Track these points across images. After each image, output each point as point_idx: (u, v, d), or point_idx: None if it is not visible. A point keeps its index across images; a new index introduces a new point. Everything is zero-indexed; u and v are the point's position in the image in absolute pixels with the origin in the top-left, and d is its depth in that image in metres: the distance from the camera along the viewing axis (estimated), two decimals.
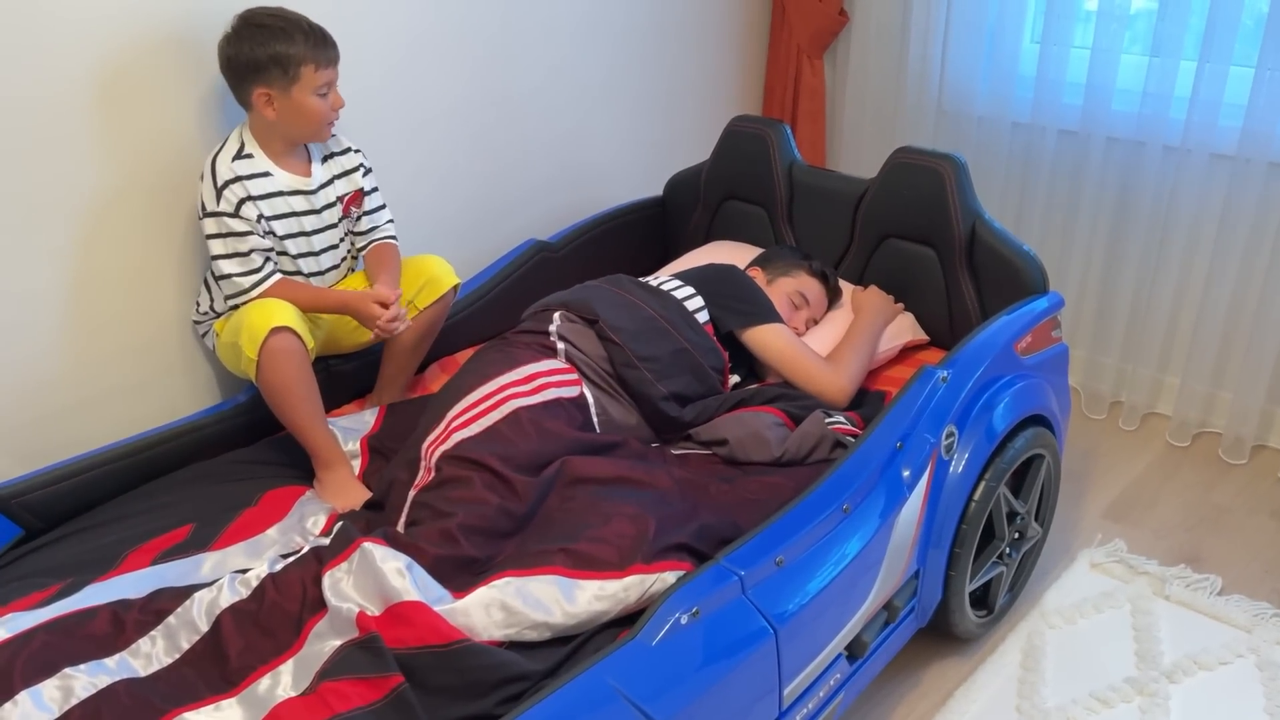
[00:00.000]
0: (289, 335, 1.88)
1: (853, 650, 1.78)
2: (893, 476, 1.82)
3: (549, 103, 2.75)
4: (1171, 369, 2.93)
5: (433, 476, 1.78)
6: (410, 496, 1.78)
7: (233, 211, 1.92)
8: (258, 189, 1.95)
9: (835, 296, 2.45)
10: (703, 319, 2.18)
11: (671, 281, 2.24)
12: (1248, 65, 2.58)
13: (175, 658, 1.53)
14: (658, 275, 2.37)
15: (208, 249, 1.95)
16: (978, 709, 1.98)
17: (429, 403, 1.99)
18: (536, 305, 2.19)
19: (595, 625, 1.57)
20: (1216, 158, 2.66)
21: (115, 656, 1.51)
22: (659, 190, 2.97)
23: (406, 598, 1.50)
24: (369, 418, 2.14)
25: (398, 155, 2.43)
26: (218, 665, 1.52)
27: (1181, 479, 2.71)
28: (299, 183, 2.02)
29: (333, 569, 1.58)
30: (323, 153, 2.08)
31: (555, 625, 1.54)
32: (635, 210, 2.83)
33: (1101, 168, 2.82)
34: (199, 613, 1.58)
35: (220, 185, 1.92)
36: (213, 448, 2.05)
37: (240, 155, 1.95)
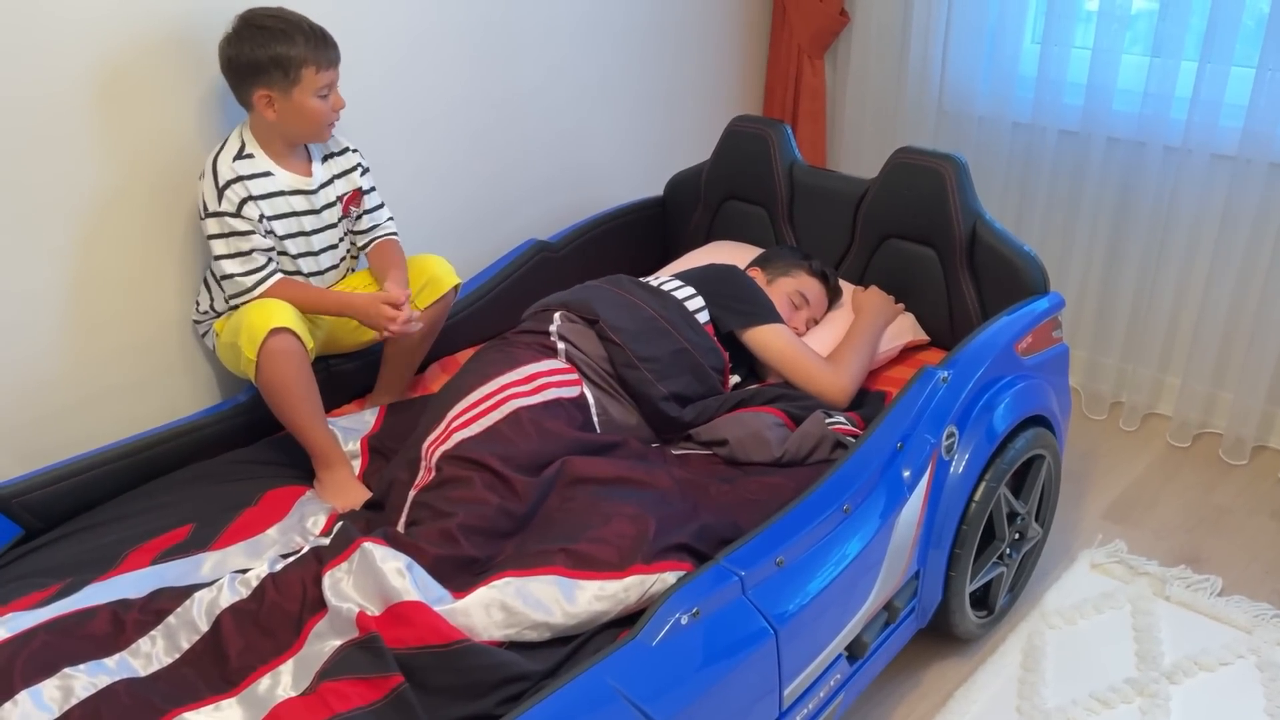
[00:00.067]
0: (288, 336, 1.88)
1: (853, 651, 1.77)
2: (893, 477, 1.82)
3: (549, 103, 2.75)
4: (1172, 369, 2.93)
5: (433, 476, 1.78)
6: (410, 496, 1.78)
7: (234, 211, 1.92)
8: (259, 189, 1.95)
9: (835, 296, 2.45)
10: (703, 319, 2.17)
11: (672, 282, 2.24)
12: (1249, 66, 2.58)
13: (175, 658, 1.53)
14: (658, 275, 2.37)
15: (209, 249, 1.95)
16: (978, 709, 1.98)
17: (429, 403, 1.99)
18: (537, 305, 2.19)
19: (595, 625, 1.57)
20: (1217, 158, 2.65)
21: (115, 656, 1.51)
22: (659, 190, 2.97)
23: (406, 598, 1.50)
24: (369, 418, 2.14)
25: (398, 155, 2.43)
26: (218, 665, 1.52)
27: (1182, 480, 2.71)
28: (300, 182, 2.02)
29: (333, 569, 1.58)
30: (322, 152, 2.08)
31: (555, 625, 1.54)
32: (635, 210, 2.83)
33: (1102, 168, 2.82)
34: (199, 613, 1.58)
35: (222, 185, 1.92)
36: (213, 448, 2.05)
37: (241, 155, 1.95)
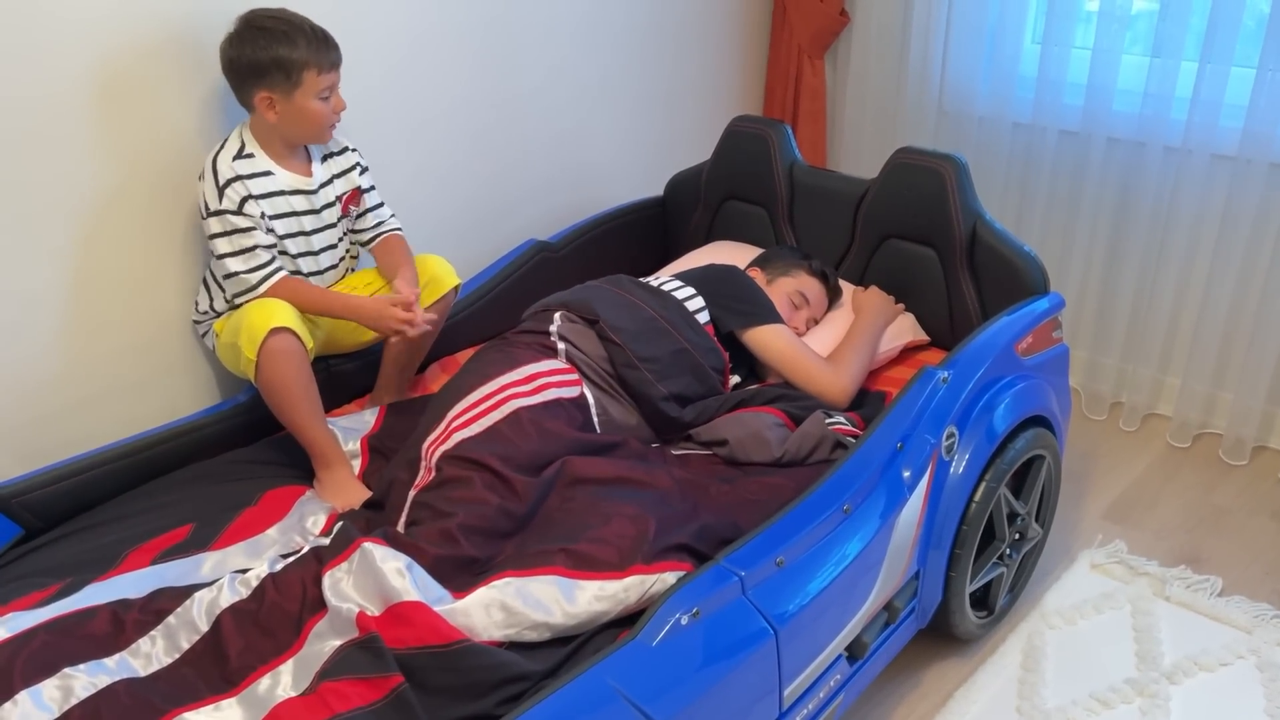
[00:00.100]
0: (288, 335, 1.88)
1: (853, 651, 1.77)
2: (893, 477, 1.82)
3: (549, 103, 2.75)
4: (1172, 370, 2.93)
5: (433, 476, 1.78)
6: (410, 496, 1.78)
7: (236, 209, 1.92)
8: (259, 188, 1.95)
9: (835, 296, 2.45)
10: (703, 319, 2.17)
11: (672, 282, 2.24)
12: (1249, 66, 2.58)
13: (175, 658, 1.53)
14: (658, 275, 2.37)
15: (211, 249, 1.95)
16: (978, 710, 1.98)
17: (429, 403, 1.99)
18: (537, 305, 2.19)
19: (595, 626, 1.57)
20: (1217, 158, 2.65)
21: (115, 656, 1.51)
22: (659, 190, 2.97)
23: (406, 598, 1.50)
24: (369, 417, 2.14)
25: (398, 155, 2.43)
26: (218, 665, 1.52)
27: (1182, 480, 2.71)
28: (300, 182, 2.02)
29: (333, 569, 1.58)
30: (322, 152, 2.08)
31: (555, 625, 1.54)
32: (636, 210, 2.83)
33: (1102, 168, 2.82)
34: (199, 613, 1.58)
35: (222, 184, 1.92)
36: (213, 448, 2.05)
37: (241, 155, 1.95)
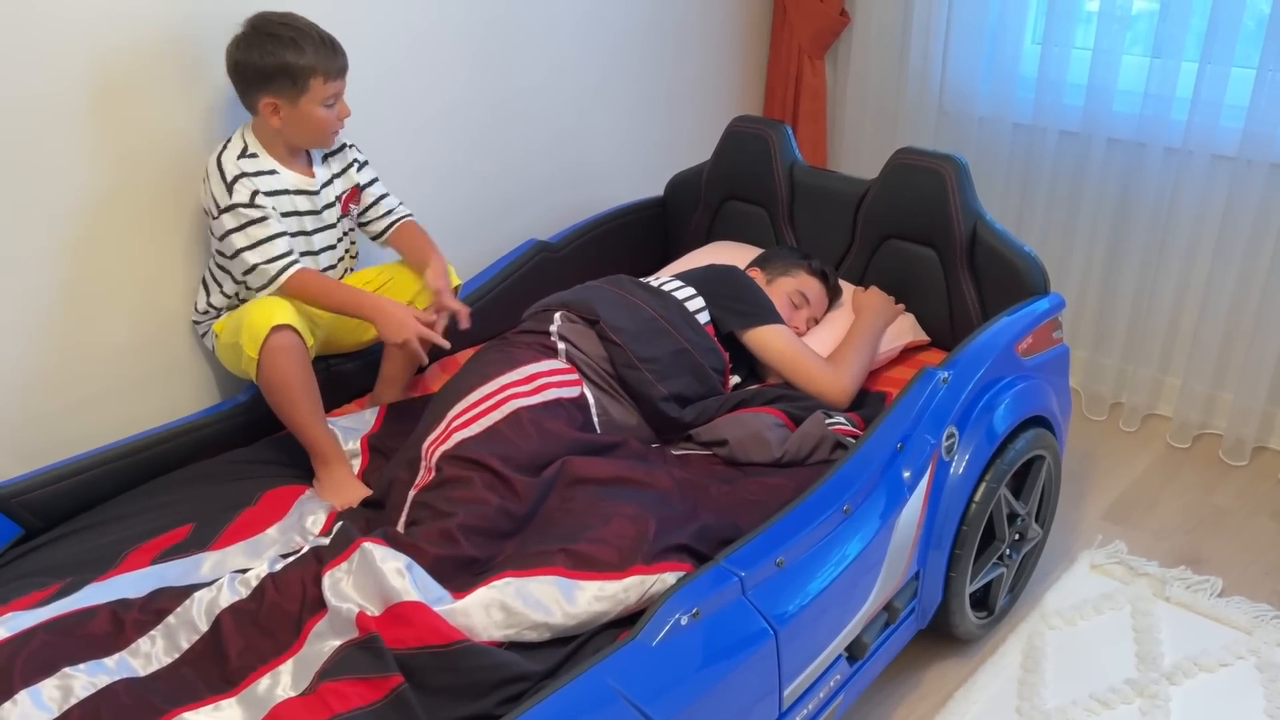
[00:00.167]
0: (289, 333, 1.88)
1: (853, 651, 1.77)
2: (893, 477, 1.82)
3: (549, 103, 2.75)
4: (1172, 370, 2.93)
5: (433, 476, 1.78)
6: (410, 496, 1.78)
7: (248, 201, 1.92)
8: (265, 186, 1.95)
9: (835, 295, 2.45)
10: (703, 319, 2.17)
11: (672, 282, 2.24)
12: (1249, 66, 2.58)
13: (175, 657, 1.53)
14: (658, 275, 2.36)
15: (226, 247, 1.94)
16: (978, 710, 1.98)
17: (429, 402, 1.99)
18: (537, 305, 2.19)
19: (595, 626, 1.57)
20: (1218, 159, 2.65)
21: (115, 656, 1.51)
22: (659, 190, 2.97)
23: (406, 598, 1.50)
24: (369, 417, 2.14)
25: (398, 155, 2.43)
26: (217, 665, 1.51)
27: (1182, 480, 2.71)
28: (304, 183, 2.02)
29: (333, 569, 1.58)
30: (322, 152, 2.08)
31: (555, 626, 1.54)
32: (636, 210, 2.83)
33: (1102, 169, 2.82)
34: (199, 612, 1.58)
35: (230, 180, 1.92)
36: (213, 447, 2.05)
37: (245, 155, 1.95)
